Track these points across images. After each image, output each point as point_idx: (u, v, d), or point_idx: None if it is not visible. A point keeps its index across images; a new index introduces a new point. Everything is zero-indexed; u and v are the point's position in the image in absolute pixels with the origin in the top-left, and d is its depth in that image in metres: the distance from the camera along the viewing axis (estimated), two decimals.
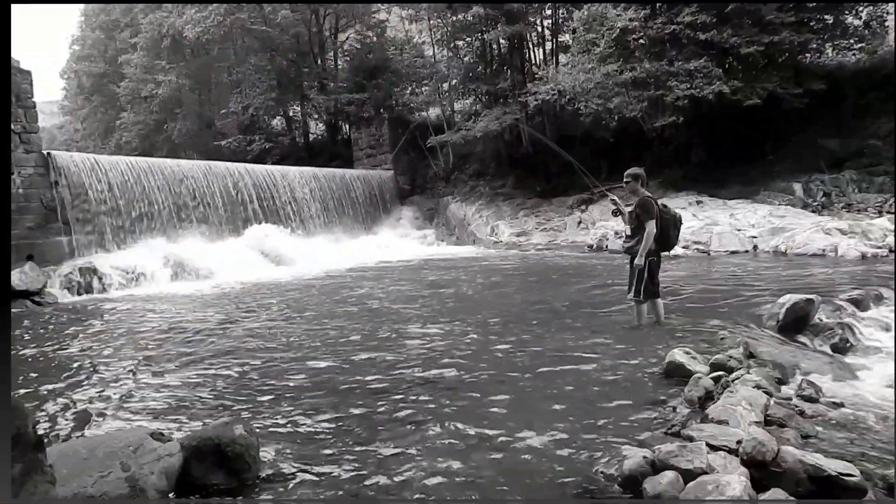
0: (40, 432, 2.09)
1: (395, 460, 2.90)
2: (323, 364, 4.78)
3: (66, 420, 3.75)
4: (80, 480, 2.39)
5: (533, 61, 22.51)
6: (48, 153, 12.39)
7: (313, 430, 3.36)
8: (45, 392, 4.39)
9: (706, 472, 2.43)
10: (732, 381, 3.58)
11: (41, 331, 7.23)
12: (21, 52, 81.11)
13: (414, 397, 3.81)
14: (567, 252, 14.29)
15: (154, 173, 14.24)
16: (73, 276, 10.83)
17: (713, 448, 2.63)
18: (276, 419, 3.55)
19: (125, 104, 30.56)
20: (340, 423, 3.42)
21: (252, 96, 24.71)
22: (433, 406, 3.61)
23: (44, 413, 3.88)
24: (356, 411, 3.60)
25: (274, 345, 5.61)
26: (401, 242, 19.18)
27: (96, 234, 12.61)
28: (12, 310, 8.87)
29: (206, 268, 12.34)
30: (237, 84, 26.24)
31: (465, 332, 5.66)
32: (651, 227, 5.17)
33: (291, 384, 4.26)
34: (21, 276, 9.90)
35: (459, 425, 3.26)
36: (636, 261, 5.26)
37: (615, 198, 5.76)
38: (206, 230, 14.63)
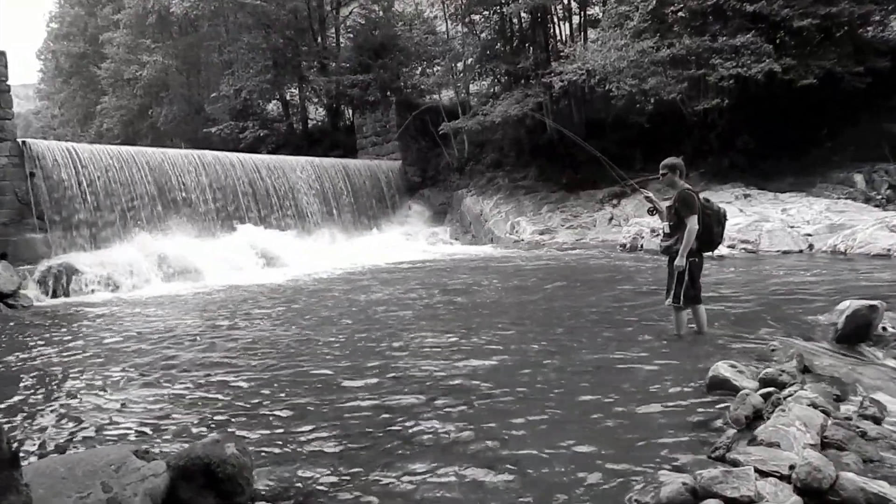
0: (15, 448, 2.11)
1: (402, 488, 2.90)
2: (323, 377, 4.80)
3: (43, 436, 3.80)
4: (59, 501, 2.42)
5: (558, 37, 22.46)
6: (23, 141, 12.60)
7: (313, 449, 3.37)
8: (20, 405, 4.46)
9: (754, 502, 2.40)
10: (784, 398, 3.53)
11: (17, 336, 7.35)
12: None
13: (425, 415, 3.81)
14: (597, 252, 14.23)
15: (138, 163, 14.42)
16: (49, 277, 11.00)
17: (762, 474, 2.59)
18: (272, 437, 3.57)
19: (106, 87, 30.98)
20: (343, 444, 3.43)
21: (245, 78, 24.92)
22: (446, 426, 3.61)
23: (18, 428, 3.94)
24: (360, 431, 3.61)
25: (269, 355, 5.65)
26: (409, 241, 19.22)
27: (75, 231, 12.81)
28: None
29: (194, 268, 12.48)
30: (229, 65, 26.47)
31: (481, 343, 5.65)
32: (692, 223, 5.12)
33: (289, 399, 4.28)
34: None
35: (475, 447, 3.25)
36: (676, 262, 5.21)
37: (650, 194, 5.71)
38: (194, 227, 14.79)
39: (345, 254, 15.73)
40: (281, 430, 3.67)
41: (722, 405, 3.65)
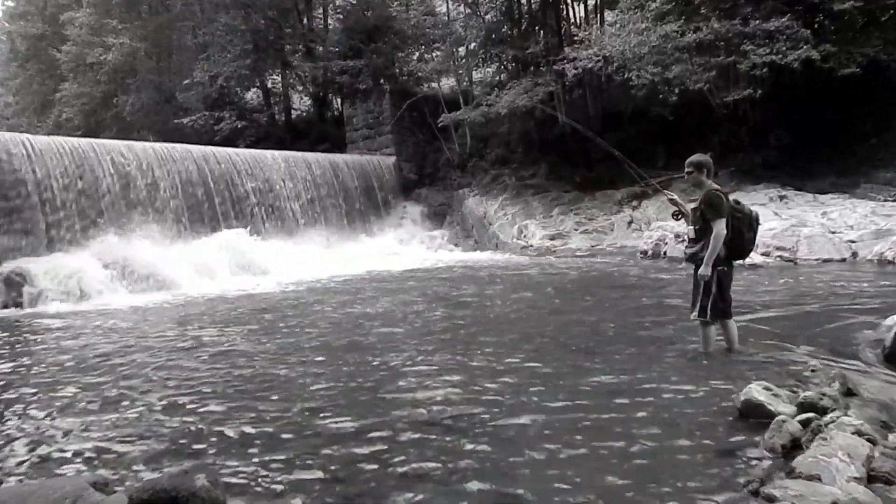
0: None
1: None
2: (303, 400, 4.77)
3: None
4: None
5: (572, 20, 22.56)
6: None
7: (291, 480, 3.35)
8: None
9: None
10: (826, 425, 3.51)
11: None
12: None
13: (420, 444, 3.78)
14: (615, 260, 14.24)
15: (101, 158, 14.43)
16: None
17: None
18: (246, 467, 3.55)
19: (67, 73, 31.03)
20: (325, 475, 3.40)
21: (222, 63, 25.00)
22: (441, 458, 3.58)
23: None
24: (344, 461, 3.58)
25: (242, 375, 5.62)
26: (404, 247, 19.23)
27: (29, 234, 12.79)
28: None
29: (164, 276, 12.47)
30: (204, 48, 26.55)
31: (485, 364, 5.63)
32: (720, 228, 5.12)
33: (264, 425, 4.26)
34: None
35: (478, 485, 3.22)
36: (701, 271, 5.20)
37: (674, 196, 5.70)
38: (163, 230, 14.79)
39: (331, 260, 15.73)
40: (256, 460, 3.65)
41: (755, 433, 3.63)
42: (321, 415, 4.39)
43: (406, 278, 13.01)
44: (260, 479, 3.39)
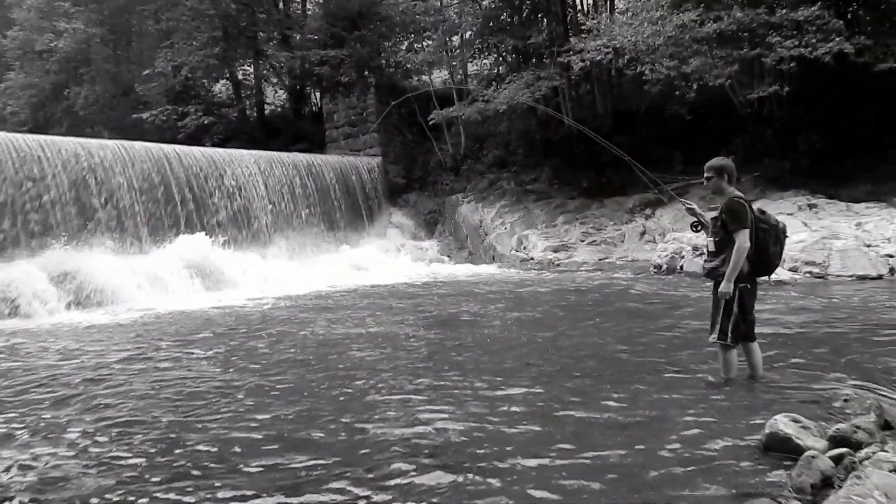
0: None
1: None
2: (267, 439, 4.64)
3: None
4: None
5: (578, 7, 22.73)
6: None
7: None
8: None
9: None
10: (861, 461, 3.52)
11: None
12: None
13: (408, 487, 3.75)
14: (626, 275, 14.26)
15: (49, 157, 14.36)
16: None
17: None
18: None
19: (13, 61, 30.97)
20: None
21: (187, 52, 25.01)
22: (437, 500, 3.56)
23: None
24: None
25: (195, 405, 5.53)
26: (390, 259, 19.22)
27: None
28: None
29: (116, 291, 12.41)
30: (167, 35, 26.57)
31: (480, 394, 5.60)
32: (743, 240, 5.13)
33: (218, 464, 4.21)
34: None
35: None
36: (722, 288, 5.21)
37: (693, 205, 5.71)
38: (118, 238, 14.75)
39: (307, 274, 15.69)
40: None
41: (782, 470, 3.63)
42: (291, 451, 4.36)
43: (391, 295, 12.97)
44: None
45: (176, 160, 17.22)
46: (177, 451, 4.40)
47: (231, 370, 6.80)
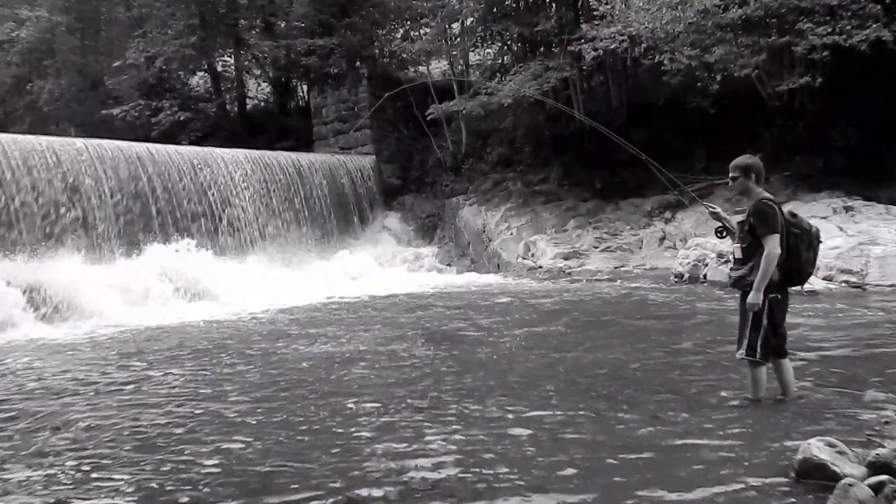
0: None
1: None
2: (244, 474, 4.60)
3: None
4: None
5: None
6: None
7: None
8: None
9: None
10: None
11: None
12: None
13: None
14: (643, 284, 14.25)
15: (10, 157, 14.37)
16: None
17: None
18: None
19: None
20: None
21: (161, 42, 25.02)
22: None
23: None
24: None
25: (162, 434, 5.46)
26: (384, 267, 19.20)
27: None
28: None
29: (85, 304, 12.40)
30: (139, 23, 26.60)
31: (486, 415, 5.61)
32: (773, 246, 5.13)
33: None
34: None
35: None
36: (750, 299, 5.20)
37: (717, 209, 5.72)
38: (85, 246, 14.72)
39: (293, 284, 15.64)
40: None
41: (817, 499, 3.63)
42: (278, 481, 4.35)
43: (386, 307, 12.96)
44: None
45: (150, 160, 17.22)
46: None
47: (205, 393, 6.73)
